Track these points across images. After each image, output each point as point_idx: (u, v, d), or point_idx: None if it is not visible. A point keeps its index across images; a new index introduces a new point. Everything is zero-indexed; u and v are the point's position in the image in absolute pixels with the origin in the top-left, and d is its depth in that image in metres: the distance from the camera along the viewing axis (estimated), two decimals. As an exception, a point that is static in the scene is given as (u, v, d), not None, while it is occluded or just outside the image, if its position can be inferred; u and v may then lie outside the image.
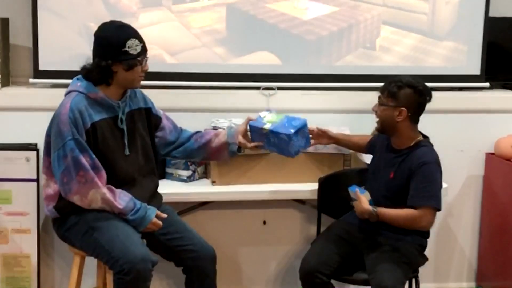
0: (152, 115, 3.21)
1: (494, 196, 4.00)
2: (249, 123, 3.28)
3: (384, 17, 3.95)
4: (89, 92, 2.95)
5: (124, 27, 2.97)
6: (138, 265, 2.83)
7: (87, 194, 2.90)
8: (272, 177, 3.60)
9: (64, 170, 2.88)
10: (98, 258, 3.04)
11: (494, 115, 4.05)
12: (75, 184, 2.88)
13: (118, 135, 3.01)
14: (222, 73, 3.84)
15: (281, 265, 3.99)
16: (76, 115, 2.88)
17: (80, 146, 2.88)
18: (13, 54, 3.85)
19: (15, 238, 3.63)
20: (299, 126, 3.23)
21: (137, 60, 2.93)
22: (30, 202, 3.60)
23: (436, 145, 3.95)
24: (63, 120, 2.88)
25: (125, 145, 3.02)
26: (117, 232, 2.91)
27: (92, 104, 2.94)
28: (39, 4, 3.67)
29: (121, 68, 2.92)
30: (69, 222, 3.00)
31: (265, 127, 3.23)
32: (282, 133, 3.19)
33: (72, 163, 2.87)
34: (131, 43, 2.91)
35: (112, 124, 2.99)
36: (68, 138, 2.86)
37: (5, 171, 3.58)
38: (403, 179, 3.19)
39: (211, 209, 3.80)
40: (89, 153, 2.90)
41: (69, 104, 2.90)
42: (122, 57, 2.90)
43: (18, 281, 3.66)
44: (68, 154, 2.86)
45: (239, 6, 3.83)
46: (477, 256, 4.17)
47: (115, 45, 2.90)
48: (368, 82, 3.92)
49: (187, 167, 3.57)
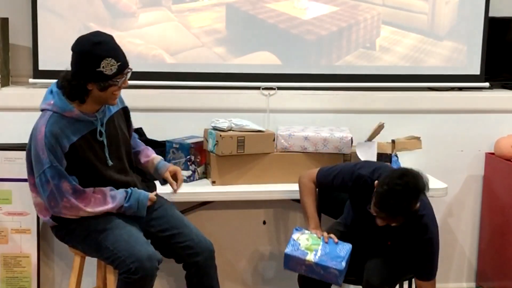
0: (128, 116, 3.16)
1: (494, 196, 4.00)
2: (286, 252, 3.04)
3: (384, 17, 3.95)
4: (64, 111, 2.84)
5: (101, 44, 2.79)
6: (145, 263, 2.83)
7: (77, 214, 2.91)
8: (272, 177, 3.60)
9: (49, 195, 2.86)
10: (102, 259, 3.02)
11: (494, 115, 4.05)
12: (62, 208, 2.88)
13: (99, 147, 2.95)
14: (222, 73, 3.84)
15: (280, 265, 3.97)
16: (52, 141, 2.79)
17: (59, 173, 2.82)
18: (13, 54, 3.85)
19: (15, 238, 3.63)
20: (347, 255, 2.99)
21: (112, 81, 2.80)
22: (30, 202, 3.57)
23: (436, 145, 3.97)
24: (40, 146, 2.81)
25: (106, 157, 2.97)
26: (121, 232, 2.91)
27: (68, 123, 2.84)
28: (39, 4, 3.68)
29: (95, 87, 2.82)
30: (68, 226, 2.99)
31: (308, 258, 2.99)
32: (331, 267, 2.96)
33: (56, 190, 2.84)
34: (105, 63, 2.76)
35: (90, 138, 2.91)
36: (46, 166, 2.81)
37: (5, 171, 3.58)
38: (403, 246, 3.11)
39: (211, 209, 3.80)
40: (68, 180, 2.84)
41: (44, 128, 2.81)
42: (96, 77, 2.78)
43: (18, 281, 3.66)
44: (50, 181, 2.83)
45: (239, 6, 3.83)
46: (477, 256, 4.17)
47: (89, 65, 2.77)
48: (368, 82, 3.92)
49: (187, 167, 3.57)
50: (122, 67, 2.83)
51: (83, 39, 2.85)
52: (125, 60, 2.85)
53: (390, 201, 2.84)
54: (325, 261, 2.98)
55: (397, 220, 2.91)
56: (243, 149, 3.52)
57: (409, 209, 2.87)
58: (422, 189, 2.89)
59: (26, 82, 3.77)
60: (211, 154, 3.57)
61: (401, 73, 3.99)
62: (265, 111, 3.83)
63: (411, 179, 2.87)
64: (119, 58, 2.81)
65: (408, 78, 3.99)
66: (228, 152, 3.49)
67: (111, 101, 2.91)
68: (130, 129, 3.19)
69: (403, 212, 2.88)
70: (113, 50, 2.82)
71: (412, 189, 2.85)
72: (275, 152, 3.62)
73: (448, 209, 4.07)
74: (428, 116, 3.99)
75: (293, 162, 3.61)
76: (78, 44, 2.85)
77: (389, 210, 2.87)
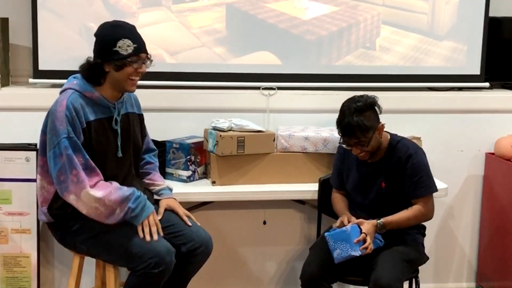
0: (143, 124, 3.20)
1: (494, 196, 4.00)
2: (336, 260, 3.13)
3: (384, 17, 3.95)
4: (85, 91, 2.92)
5: (118, 26, 2.93)
6: (165, 257, 2.86)
7: (79, 194, 2.86)
8: (272, 177, 3.60)
9: (60, 168, 2.85)
10: (111, 259, 2.98)
11: (494, 115, 4.05)
12: (69, 183, 2.85)
13: (112, 136, 2.99)
14: (222, 73, 3.84)
15: (281, 265, 3.99)
16: (73, 113, 2.85)
17: (74, 145, 2.84)
18: (13, 54, 3.85)
19: (15, 238, 3.63)
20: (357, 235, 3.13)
21: (127, 60, 2.88)
22: (30, 202, 3.59)
23: (436, 145, 3.98)
24: (59, 118, 2.84)
25: (118, 146, 3.00)
26: (132, 230, 2.90)
27: (87, 103, 2.91)
28: (39, 4, 3.67)
29: (111, 68, 2.89)
30: (69, 227, 2.98)
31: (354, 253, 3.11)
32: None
33: (67, 162, 2.84)
34: (122, 43, 2.85)
35: (107, 124, 2.97)
36: (63, 136, 2.83)
37: (5, 171, 3.58)
38: (396, 183, 3.22)
39: (211, 209, 3.80)
40: (82, 153, 2.86)
41: (65, 102, 2.86)
42: (112, 56, 2.87)
43: (18, 281, 3.66)
44: (63, 152, 2.84)
45: (239, 5, 3.83)
46: (477, 256, 4.17)
47: (106, 44, 2.87)
48: (368, 82, 3.92)
49: (187, 167, 3.57)
50: (138, 49, 2.90)
51: (105, 23, 2.98)
52: (143, 44, 2.94)
53: (345, 119, 3.13)
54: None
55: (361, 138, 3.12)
56: (243, 149, 3.52)
57: (364, 121, 3.11)
58: (371, 101, 3.17)
59: (26, 82, 3.77)
60: (211, 154, 3.57)
61: (401, 73, 3.99)
62: (265, 111, 3.83)
63: (358, 97, 3.20)
64: (136, 41, 2.91)
65: (408, 78, 3.99)
66: (228, 152, 3.49)
67: (128, 86, 2.96)
68: (144, 139, 3.21)
69: (362, 125, 3.10)
70: (131, 33, 2.92)
71: (360, 102, 3.14)
72: (275, 152, 3.63)
73: (448, 209, 4.07)
74: (428, 116, 3.99)
75: (293, 162, 3.62)
76: (99, 28, 2.97)
77: (349, 129, 3.12)
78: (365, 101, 3.16)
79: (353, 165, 3.34)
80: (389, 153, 3.26)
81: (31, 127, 3.57)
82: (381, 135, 3.22)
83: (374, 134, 3.16)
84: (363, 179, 3.31)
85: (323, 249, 3.22)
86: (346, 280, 3.35)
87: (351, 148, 3.19)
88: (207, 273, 3.37)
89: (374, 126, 3.16)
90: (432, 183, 3.24)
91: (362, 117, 3.12)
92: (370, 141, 3.15)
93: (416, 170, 3.21)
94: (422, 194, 3.21)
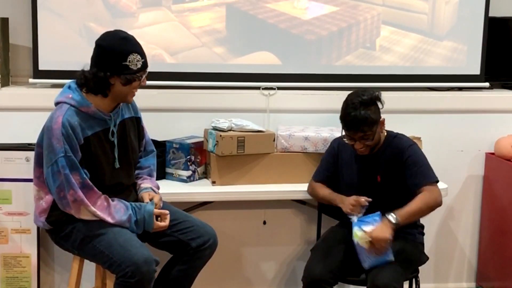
0: (140, 126, 3.19)
1: (494, 196, 4.00)
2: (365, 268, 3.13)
3: (384, 17, 3.95)
4: (81, 106, 2.88)
5: (127, 39, 2.89)
6: (142, 267, 2.83)
7: (79, 210, 2.89)
8: (272, 177, 3.60)
9: (59, 185, 2.86)
10: (99, 263, 3.02)
11: (494, 115, 4.05)
12: (69, 200, 2.87)
13: (109, 148, 2.98)
14: (222, 73, 3.84)
15: (281, 265, 3.99)
16: (69, 131, 2.82)
17: (72, 164, 2.83)
18: (13, 54, 3.85)
19: (15, 238, 3.63)
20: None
21: (136, 75, 2.88)
22: (30, 202, 3.56)
23: (436, 145, 3.98)
24: (56, 135, 2.82)
25: (115, 158, 3.00)
26: (115, 237, 2.89)
27: (84, 118, 2.88)
28: (39, 4, 3.67)
29: (118, 81, 2.87)
30: (63, 231, 2.98)
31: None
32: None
33: (65, 181, 2.84)
34: (132, 58, 2.85)
35: (103, 136, 2.95)
36: (60, 155, 2.82)
37: (5, 171, 3.58)
38: (392, 176, 3.22)
39: (211, 209, 3.79)
40: (79, 172, 2.85)
41: (61, 119, 2.83)
42: (122, 71, 2.85)
43: (18, 281, 3.66)
44: (61, 171, 2.83)
45: (239, 5, 3.83)
46: (477, 256, 4.17)
47: (116, 58, 2.84)
48: (368, 82, 3.91)
49: (187, 168, 3.57)
50: (145, 64, 2.93)
51: (110, 34, 2.93)
52: (146, 59, 2.94)
53: (351, 113, 3.11)
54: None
55: (367, 132, 3.12)
56: (243, 149, 3.52)
57: (371, 114, 3.11)
58: (375, 96, 3.16)
59: (26, 82, 3.77)
60: (211, 154, 3.57)
61: (401, 73, 3.99)
62: (265, 111, 3.83)
63: (361, 91, 3.18)
64: (143, 55, 2.91)
65: (408, 78, 3.99)
66: (228, 152, 3.49)
67: (130, 98, 2.97)
68: (141, 142, 3.20)
69: (369, 118, 3.10)
70: (138, 47, 2.92)
71: (365, 96, 3.13)
72: (275, 152, 3.63)
73: (448, 209, 4.07)
74: (428, 116, 3.99)
75: (293, 162, 3.62)
76: (105, 38, 2.92)
77: (356, 122, 3.10)
78: (370, 95, 3.16)
79: (348, 161, 3.34)
80: (386, 147, 3.26)
81: (31, 127, 3.57)
82: (382, 130, 3.23)
83: (378, 128, 3.18)
84: (360, 174, 3.30)
85: (324, 251, 3.23)
86: (346, 280, 3.36)
87: (354, 142, 3.18)
88: (207, 273, 3.36)
89: (378, 120, 3.18)
90: (433, 172, 3.23)
91: (368, 111, 3.12)
92: (374, 135, 3.16)
93: (416, 159, 3.21)
94: (426, 181, 3.18)
